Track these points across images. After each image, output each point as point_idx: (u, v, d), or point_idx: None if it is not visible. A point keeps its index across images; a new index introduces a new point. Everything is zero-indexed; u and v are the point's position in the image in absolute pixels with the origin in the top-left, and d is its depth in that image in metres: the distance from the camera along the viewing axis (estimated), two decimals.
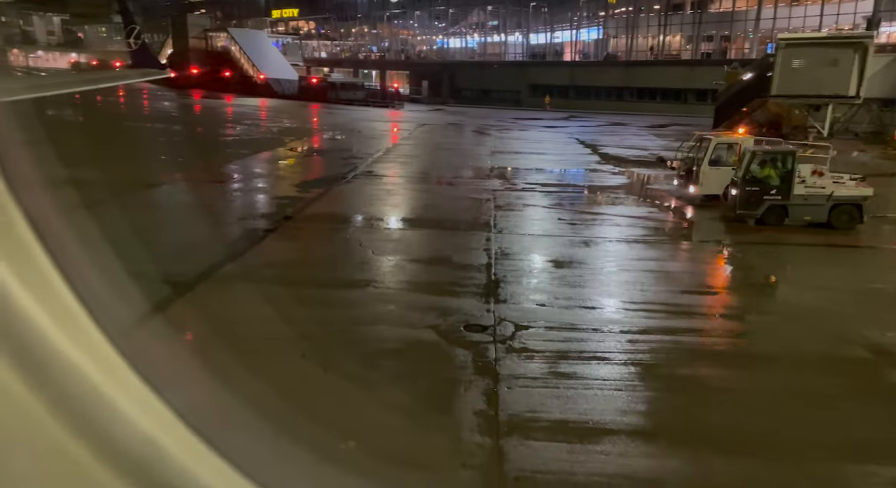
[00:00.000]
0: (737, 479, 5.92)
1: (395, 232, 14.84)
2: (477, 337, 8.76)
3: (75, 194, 10.05)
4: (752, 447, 6.40)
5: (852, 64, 31.64)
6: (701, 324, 9.68)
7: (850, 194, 15.48)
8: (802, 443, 6.50)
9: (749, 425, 6.82)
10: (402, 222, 15.90)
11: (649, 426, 6.79)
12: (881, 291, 11.54)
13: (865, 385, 7.86)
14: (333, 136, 37.24)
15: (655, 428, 6.75)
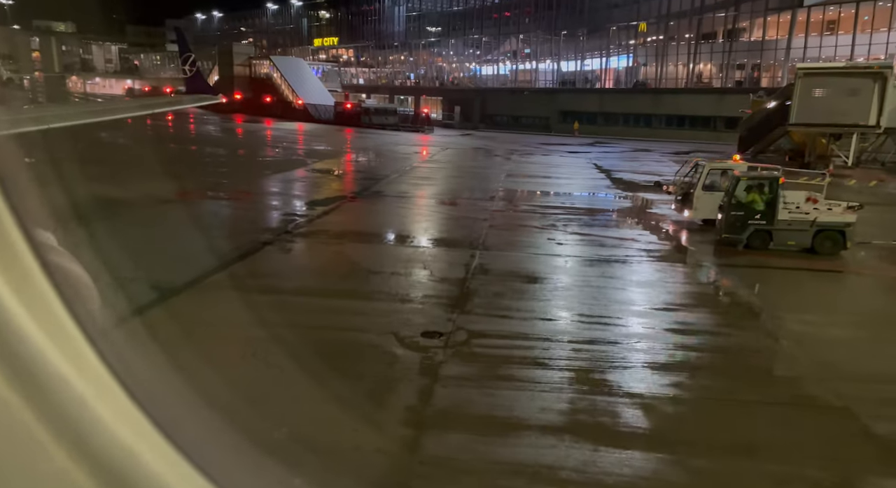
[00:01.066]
0: (623, 467, 6.46)
1: (385, 247, 15.74)
2: (431, 342, 9.46)
3: (92, 207, 11.59)
4: (653, 443, 6.94)
5: (872, 93, 31.48)
6: (648, 338, 10.15)
7: (833, 220, 15.64)
8: (690, 437, 6.98)
9: (659, 425, 7.34)
10: (394, 239, 16.81)
11: (563, 423, 7.37)
12: (839, 310, 11.80)
13: (761, 389, 8.25)
14: (356, 159, 38.72)
15: (568, 425, 7.33)
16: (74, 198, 8.28)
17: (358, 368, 8.68)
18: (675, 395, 8.13)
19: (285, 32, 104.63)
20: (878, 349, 9.96)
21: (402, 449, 6.67)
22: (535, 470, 6.34)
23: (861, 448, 6.98)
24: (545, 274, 13.74)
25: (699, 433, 7.25)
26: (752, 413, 7.79)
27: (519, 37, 77.58)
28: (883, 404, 8.00)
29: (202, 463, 1.02)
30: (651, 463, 6.62)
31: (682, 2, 59.87)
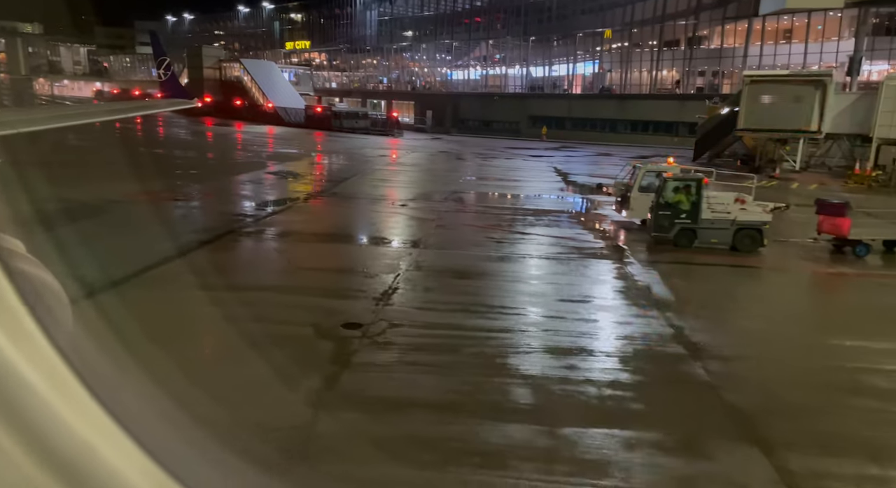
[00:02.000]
0: (500, 437, 7.12)
1: (325, 246, 16.30)
2: (349, 333, 10.06)
3: (45, 210, 12.00)
4: (532, 417, 7.63)
5: (814, 100, 32.90)
6: (556, 327, 10.87)
7: (751, 219, 16.61)
8: (566, 412, 7.70)
9: (544, 402, 8.04)
10: (337, 238, 17.38)
11: (455, 401, 8.03)
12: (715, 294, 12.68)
13: (644, 369, 9.02)
14: (320, 162, 39.17)
15: (458, 403, 7.98)
16: (33, 201, 8.73)
17: (273, 357, 9.20)
18: (563, 376, 8.84)
19: (257, 35, 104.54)
20: (760, 335, 10.84)
21: (297, 426, 7.24)
22: (414, 442, 6.98)
23: (709, 414, 7.77)
24: (477, 270, 14.43)
25: (576, 408, 7.96)
26: (631, 389, 8.53)
27: (489, 42, 78.67)
28: (742, 381, 8.83)
29: (162, 456, 1.01)
30: (526, 433, 7.31)
31: (645, 10, 61.43)
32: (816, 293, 14.33)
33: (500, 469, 6.55)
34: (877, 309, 12.89)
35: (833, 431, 7.58)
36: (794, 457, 6.87)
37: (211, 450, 1.61)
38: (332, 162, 39.68)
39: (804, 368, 9.76)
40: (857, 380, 9.22)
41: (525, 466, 6.61)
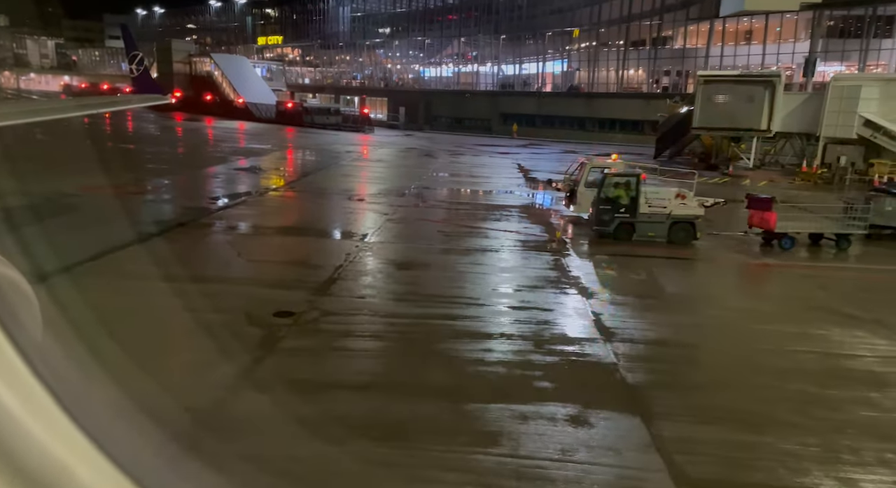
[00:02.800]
0: (406, 414, 7.68)
1: (276, 238, 16.72)
2: (280, 321, 10.50)
3: None
4: (446, 394, 8.19)
5: (763, 100, 34.03)
6: (484, 314, 11.48)
7: (685, 213, 17.41)
8: (478, 390, 8.29)
9: (457, 381, 8.61)
10: (289, 231, 17.79)
11: (372, 382, 8.56)
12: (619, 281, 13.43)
13: (555, 351, 9.67)
14: (285, 156, 39.37)
15: (375, 382, 8.52)
16: None
17: (202, 344, 9.62)
18: (480, 358, 9.44)
19: (229, 30, 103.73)
20: (676, 320, 11.57)
21: (211, 407, 7.66)
22: (329, 420, 7.49)
23: (606, 391, 8.43)
24: (419, 262, 14.98)
25: (484, 387, 8.55)
26: (540, 369, 9.16)
27: (461, 40, 79.25)
28: (648, 361, 9.52)
29: (125, 462, 0.99)
30: (434, 408, 7.88)
31: (612, 10, 62.53)
32: (737, 282, 15.13)
33: (401, 441, 7.11)
34: (789, 296, 13.75)
35: (719, 405, 8.27)
36: (671, 426, 7.55)
37: (175, 457, 1.60)
38: (298, 157, 39.92)
39: (713, 350, 10.51)
40: (760, 361, 9.96)
41: (425, 438, 7.18)
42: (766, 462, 6.88)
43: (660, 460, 6.84)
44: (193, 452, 1.54)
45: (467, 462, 6.74)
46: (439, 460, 6.76)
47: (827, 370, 9.55)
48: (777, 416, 7.93)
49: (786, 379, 9.40)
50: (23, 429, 0.92)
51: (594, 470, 6.74)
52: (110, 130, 51.08)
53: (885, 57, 46.51)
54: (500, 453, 6.89)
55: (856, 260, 17.19)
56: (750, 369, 9.70)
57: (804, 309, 12.94)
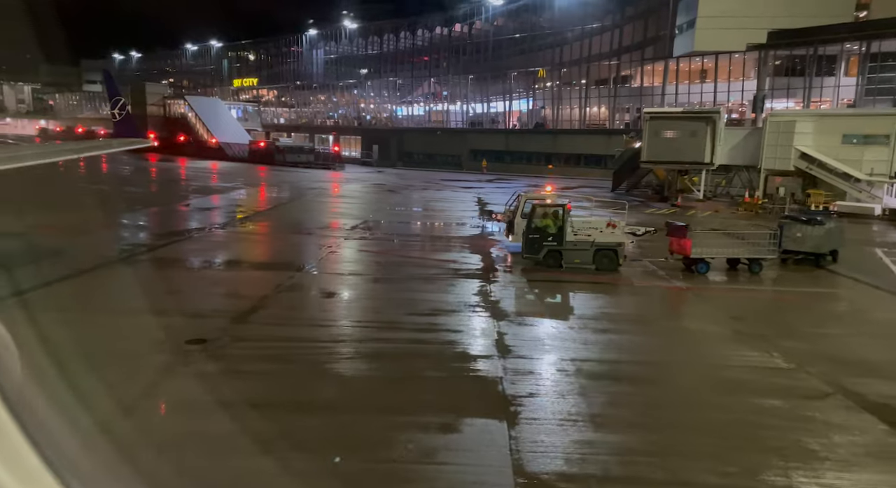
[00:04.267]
0: (277, 425, 8.23)
1: (210, 272, 17.31)
2: (190, 348, 10.84)
3: None
4: (334, 407, 8.77)
5: (706, 135, 35.68)
6: (392, 337, 12.10)
7: (607, 241, 18.32)
8: (361, 403, 8.89)
9: (341, 396, 9.20)
10: (227, 264, 18.40)
11: (261, 400, 9.11)
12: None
13: (450, 368, 10.31)
14: (245, 194, 40.12)
15: (263, 400, 9.08)
16: None
17: (109, 370, 10.01)
18: (370, 376, 10.06)
19: (206, 73, 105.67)
20: (571, 337, 12.29)
21: (106, 424, 8.18)
22: (200, 436, 7.90)
23: (483, 401, 9.07)
24: (349, 291, 15.64)
25: (367, 400, 9.14)
26: (428, 383, 9.79)
27: (432, 80, 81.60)
28: (529, 375, 10.19)
29: None
30: (314, 421, 8.43)
31: (573, 51, 65.12)
32: (641, 303, 15.73)
33: (269, 455, 7.63)
34: (683, 314, 14.59)
35: (580, 411, 8.92)
36: (529, 429, 8.20)
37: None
38: (258, 194, 40.66)
39: (591, 361, 11.17)
40: (632, 371, 10.69)
41: (298, 446, 7.72)
42: (601, 457, 7.55)
43: (508, 457, 7.47)
44: None
45: (332, 468, 7.29)
46: (305, 469, 7.30)
47: (697, 378, 10.28)
48: (626, 418, 8.63)
49: (640, 386, 10.08)
50: None
51: (447, 468, 7.36)
52: (84, 172, 51.54)
53: (829, 94, 48.86)
54: (366, 459, 7.48)
55: (757, 282, 18.08)
56: (613, 378, 10.36)
57: (693, 324, 13.75)
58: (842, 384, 10.03)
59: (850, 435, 8.31)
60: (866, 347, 12.13)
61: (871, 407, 9.13)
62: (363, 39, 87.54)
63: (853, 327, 13.86)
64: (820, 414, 8.97)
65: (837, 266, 19.43)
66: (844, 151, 33.00)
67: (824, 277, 18.51)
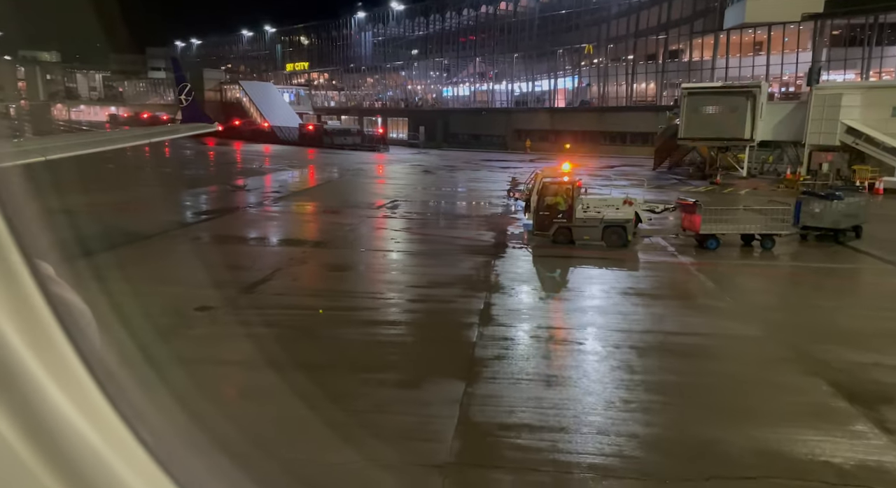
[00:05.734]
0: (263, 382, 9.21)
1: (234, 247, 18.53)
2: (198, 314, 11.95)
3: None
4: (314, 371, 9.70)
5: (746, 110, 34.61)
6: (383, 305, 12.93)
7: (616, 218, 18.51)
8: (343, 365, 9.77)
9: (331, 359, 10.12)
10: (247, 240, 19.60)
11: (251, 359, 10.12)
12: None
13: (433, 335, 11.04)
14: (291, 175, 41.77)
15: (254, 359, 10.08)
16: None
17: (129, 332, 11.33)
18: (354, 339, 10.92)
19: (260, 58, 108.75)
20: (556, 307, 12.80)
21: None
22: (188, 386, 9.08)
23: (451, 362, 9.77)
24: (354, 264, 16.57)
25: (351, 361, 9.99)
26: (406, 346, 10.58)
27: (477, 60, 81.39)
28: (503, 340, 10.81)
29: (175, 471, 1.02)
30: (292, 377, 9.37)
31: (619, 27, 63.64)
32: (637, 277, 15.76)
33: (245, 400, 8.63)
34: (673, 286, 14.70)
35: (539, 371, 9.51)
36: (485, 387, 8.88)
37: (218, 463, 1.65)
38: (300, 176, 42.25)
39: (563, 329, 11.68)
40: (603, 337, 11.10)
41: (273, 399, 8.68)
42: (542, 410, 8.16)
43: (456, 410, 8.19)
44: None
45: (301, 413, 8.21)
46: (279, 413, 8.24)
47: (662, 345, 10.64)
48: (577, 378, 9.18)
49: (612, 353, 10.40)
50: (96, 456, 0.96)
51: (399, 417, 8.15)
52: (149, 155, 54.63)
53: (891, 64, 46.20)
54: (328, 407, 8.36)
55: (767, 258, 17.81)
56: (582, 344, 10.82)
57: (678, 297, 13.90)
58: (808, 352, 10.21)
59: (792, 396, 8.60)
60: (853, 319, 12.12)
61: (826, 372, 9.33)
62: (410, 20, 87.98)
63: (847, 300, 13.78)
64: (771, 378, 9.25)
65: (860, 242, 18.95)
66: (894, 125, 31.37)
67: (840, 253, 18.11)
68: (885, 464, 6.85)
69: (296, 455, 6.99)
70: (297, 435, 7.46)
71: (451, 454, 7.20)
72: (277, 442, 7.02)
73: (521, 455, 7.25)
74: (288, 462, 6.70)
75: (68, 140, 24.74)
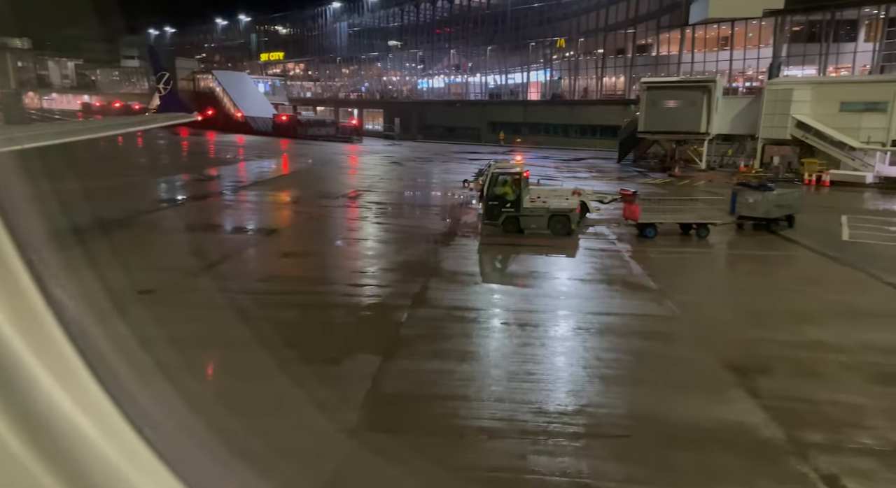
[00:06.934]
0: (185, 358, 9.73)
1: (188, 235, 18.93)
2: (141, 297, 12.50)
3: None
4: (235, 345, 10.24)
5: (702, 104, 35.58)
6: (325, 290, 13.50)
7: (560, 207, 19.22)
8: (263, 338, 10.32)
9: (260, 334, 10.65)
10: (206, 228, 19.95)
11: (186, 338, 10.61)
12: None
13: (361, 316, 11.64)
14: (261, 165, 41.94)
15: (188, 338, 10.59)
16: None
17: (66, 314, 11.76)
18: (287, 320, 11.48)
19: (235, 47, 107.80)
20: (483, 291, 13.47)
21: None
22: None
23: (375, 341, 10.38)
24: (308, 251, 17.08)
25: (283, 340, 10.52)
26: (335, 328, 11.16)
27: (451, 52, 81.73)
28: (429, 319, 11.44)
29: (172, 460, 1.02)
30: (219, 352, 9.92)
31: (590, 21, 64.46)
32: (570, 262, 16.40)
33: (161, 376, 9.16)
34: (598, 271, 15.41)
35: (456, 348, 10.14)
36: (402, 363, 9.50)
37: (217, 452, 1.63)
38: (268, 166, 42.48)
39: (493, 310, 12.33)
40: (512, 318, 11.74)
41: (191, 379, 9.23)
42: (451, 382, 8.81)
43: (370, 384, 8.80)
44: None
45: (217, 388, 8.77)
46: (196, 389, 8.79)
47: (577, 325, 11.35)
48: (489, 354, 9.85)
49: (526, 331, 11.05)
50: (97, 453, 0.95)
51: (314, 391, 8.74)
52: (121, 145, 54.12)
53: (847, 59, 47.57)
54: (247, 382, 8.92)
55: (700, 245, 18.60)
56: (507, 323, 11.51)
57: (606, 281, 14.58)
58: (711, 330, 11.00)
59: (683, 368, 9.37)
60: (759, 301, 12.97)
61: (721, 347, 10.11)
62: (385, 11, 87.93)
63: (760, 283, 14.64)
64: (670, 352, 10.02)
65: (791, 231, 19.91)
66: (842, 119, 32.54)
67: (770, 241, 19.04)
68: (745, 424, 7.62)
69: (203, 426, 7.54)
70: (209, 408, 8.00)
71: (358, 421, 7.82)
72: (188, 417, 7.57)
73: (422, 421, 7.90)
74: (189, 430, 7.25)
75: (42, 129, 24.81)
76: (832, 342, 10.38)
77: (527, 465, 6.87)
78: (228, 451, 1.59)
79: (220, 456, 1.63)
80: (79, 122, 39.70)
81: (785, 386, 8.69)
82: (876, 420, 7.66)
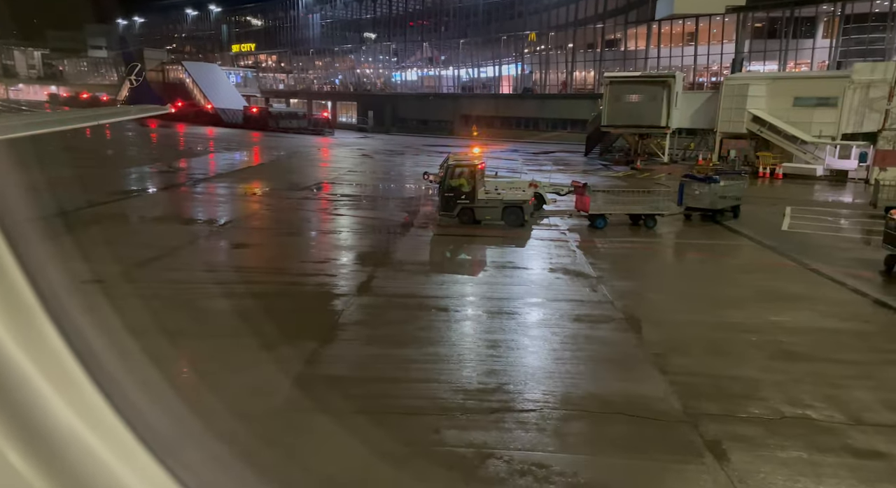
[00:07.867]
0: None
1: (141, 225, 19.01)
2: (84, 287, 12.77)
3: None
4: (180, 334, 10.51)
5: (662, 99, 36.40)
6: (273, 279, 13.79)
7: (513, 199, 19.71)
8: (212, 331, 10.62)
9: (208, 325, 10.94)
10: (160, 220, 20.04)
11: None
12: None
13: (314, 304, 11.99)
14: (227, 156, 41.80)
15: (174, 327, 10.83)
16: None
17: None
18: (231, 310, 11.76)
19: (205, 38, 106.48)
20: (429, 280, 13.90)
21: None
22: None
23: (313, 327, 10.74)
24: (258, 243, 17.31)
25: (228, 326, 10.84)
26: (277, 317, 11.46)
27: (425, 45, 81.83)
28: (373, 307, 11.83)
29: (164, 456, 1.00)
30: (164, 341, 10.19)
31: (559, 16, 65.09)
32: (515, 251, 16.91)
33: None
34: (542, 259, 15.94)
35: (389, 334, 10.56)
36: (337, 346, 9.90)
37: (213, 451, 1.53)
38: (234, 158, 42.42)
39: (430, 298, 12.73)
40: (454, 304, 12.15)
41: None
42: (382, 365, 9.22)
43: (302, 365, 9.16)
44: None
45: (149, 375, 9.05)
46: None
47: (510, 308, 11.84)
48: (423, 338, 10.27)
49: (466, 315, 11.58)
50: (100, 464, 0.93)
51: (246, 376, 9.07)
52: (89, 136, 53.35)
53: (806, 55, 48.87)
54: (184, 369, 9.23)
55: (646, 235, 19.26)
56: (445, 310, 11.91)
57: (550, 269, 15.05)
58: (636, 313, 11.55)
59: (602, 347, 9.91)
60: (689, 286, 13.64)
61: (644, 328, 10.67)
62: (358, 3, 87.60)
63: (694, 270, 15.34)
64: (593, 333, 10.55)
65: (736, 221, 20.68)
66: (795, 114, 33.62)
67: (713, 231, 19.80)
68: (648, 397, 8.16)
69: None
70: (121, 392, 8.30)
71: (286, 402, 8.19)
72: None
73: (348, 402, 8.30)
74: None
75: (11, 121, 24.37)
76: (748, 323, 11.02)
77: (440, 438, 7.32)
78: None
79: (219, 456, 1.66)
80: (51, 114, 38.91)
81: (693, 363, 9.28)
82: (768, 392, 8.26)
